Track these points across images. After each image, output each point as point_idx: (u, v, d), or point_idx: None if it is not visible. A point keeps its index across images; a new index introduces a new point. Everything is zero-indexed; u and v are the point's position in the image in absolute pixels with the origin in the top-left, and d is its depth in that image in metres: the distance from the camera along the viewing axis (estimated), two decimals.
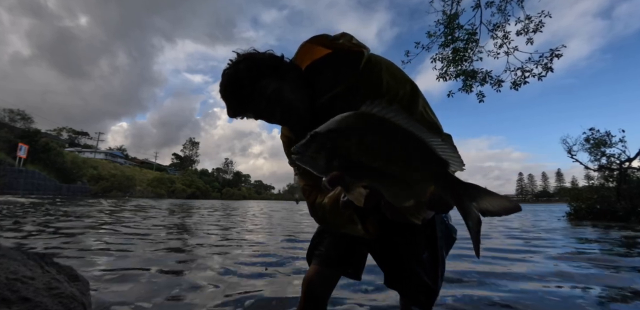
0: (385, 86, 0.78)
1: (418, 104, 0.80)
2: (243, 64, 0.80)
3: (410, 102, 0.79)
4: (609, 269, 2.75)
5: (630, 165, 10.52)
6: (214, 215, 10.10)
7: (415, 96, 0.80)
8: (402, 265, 0.90)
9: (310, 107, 0.85)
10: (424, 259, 0.88)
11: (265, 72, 0.80)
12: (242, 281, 2.18)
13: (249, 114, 0.85)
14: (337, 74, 0.81)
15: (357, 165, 0.49)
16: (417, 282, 0.88)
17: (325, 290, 0.96)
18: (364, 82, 0.78)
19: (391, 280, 0.94)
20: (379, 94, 0.78)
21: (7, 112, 35.45)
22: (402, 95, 0.79)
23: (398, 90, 0.79)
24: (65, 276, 1.27)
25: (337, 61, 0.83)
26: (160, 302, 1.71)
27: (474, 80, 5.85)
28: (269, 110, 0.82)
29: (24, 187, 26.89)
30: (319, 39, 0.83)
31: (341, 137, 0.50)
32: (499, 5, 5.58)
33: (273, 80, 0.80)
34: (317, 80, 0.85)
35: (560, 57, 5.09)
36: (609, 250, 3.84)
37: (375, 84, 0.78)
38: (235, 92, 0.80)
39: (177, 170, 76.02)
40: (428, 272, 0.88)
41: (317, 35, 0.83)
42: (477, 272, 2.54)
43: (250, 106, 0.82)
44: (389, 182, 0.50)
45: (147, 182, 51.35)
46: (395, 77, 0.80)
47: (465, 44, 5.78)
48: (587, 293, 2.03)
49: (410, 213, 0.64)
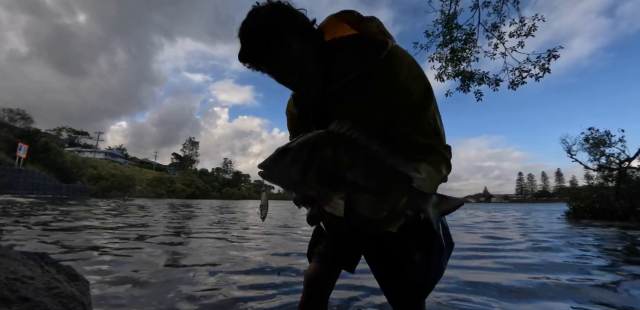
0: (402, 83, 0.75)
1: (430, 108, 0.77)
2: (278, 11, 0.72)
3: (422, 104, 0.76)
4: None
5: (629, 165, 10.53)
6: (214, 215, 10.10)
7: (429, 99, 0.77)
8: (392, 268, 0.88)
9: (322, 87, 0.81)
10: (416, 260, 0.84)
11: (296, 30, 0.74)
12: (243, 281, 2.19)
13: (265, 65, 0.77)
14: (356, 59, 0.77)
15: (334, 179, 0.52)
16: (406, 286, 0.86)
17: (326, 287, 0.97)
18: (381, 74, 0.75)
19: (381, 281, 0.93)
20: (392, 89, 0.75)
21: (7, 112, 35.47)
22: (416, 96, 0.76)
23: (412, 90, 0.76)
24: (65, 276, 1.28)
25: (359, 46, 0.78)
26: (161, 302, 1.72)
27: (472, 81, 5.87)
28: (291, 70, 0.76)
29: (24, 187, 26.88)
30: (348, 16, 0.79)
31: (316, 150, 0.52)
32: (496, 6, 5.60)
33: (299, 42, 0.75)
34: (334, 61, 0.80)
35: (558, 58, 5.10)
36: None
37: (390, 78, 0.75)
38: (265, 37, 0.71)
39: (177, 170, 76.00)
40: (419, 274, 0.85)
41: (347, 11, 0.79)
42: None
43: (276, 57, 0.74)
44: (364, 195, 0.54)
45: (147, 182, 51.34)
46: (414, 76, 0.76)
47: (464, 44, 5.79)
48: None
49: (384, 223, 0.64)
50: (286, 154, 0.52)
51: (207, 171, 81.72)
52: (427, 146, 0.76)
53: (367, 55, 0.76)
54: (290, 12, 0.74)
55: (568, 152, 11.81)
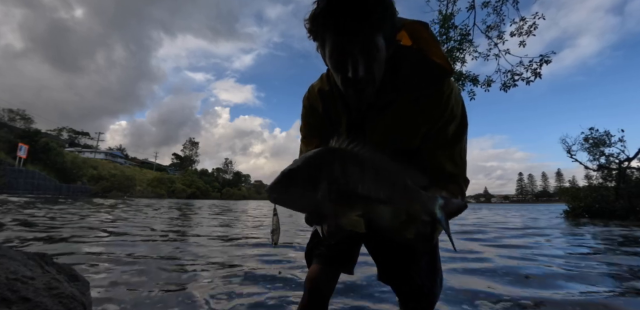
0: (449, 111, 0.76)
1: (464, 139, 0.79)
2: None
3: (460, 134, 0.79)
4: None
5: (629, 165, 10.55)
6: (215, 215, 10.11)
7: (464, 131, 0.80)
8: (399, 267, 0.92)
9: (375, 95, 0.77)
10: (423, 263, 0.89)
11: (387, 25, 0.65)
12: (243, 281, 2.19)
13: (356, 39, 0.63)
14: (419, 80, 0.75)
15: (348, 194, 0.51)
16: (414, 286, 0.90)
17: (329, 287, 0.98)
18: (434, 99, 0.76)
19: (386, 277, 0.97)
20: (440, 116, 0.76)
21: (6, 112, 35.50)
22: (457, 126, 0.78)
23: (456, 120, 0.78)
24: (65, 276, 1.29)
25: (426, 67, 0.75)
26: (162, 302, 1.73)
27: (465, 80, 5.92)
28: (372, 57, 0.66)
29: (23, 187, 26.89)
30: (421, 28, 0.76)
31: (323, 169, 0.52)
32: (495, 5, 5.62)
33: (382, 38, 0.67)
34: (396, 73, 0.77)
35: (549, 63, 5.13)
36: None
37: (441, 106, 0.76)
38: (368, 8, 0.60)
39: (177, 170, 75.99)
40: (425, 276, 0.90)
41: (422, 22, 0.76)
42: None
43: (369, 37, 0.63)
44: (378, 206, 0.54)
45: (147, 182, 51.34)
46: (458, 105, 0.78)
47: (459, 44, 5.82)
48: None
49: (400, 230, 0.65)
50: (294, 176, 0.51)
51: (207, 171, 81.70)
52: (451, 174, 0.78)
53: (432, 80, 0.75)
54: (393, 5, 0.66)
55: (568, 151, 11.84)
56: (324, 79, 0.88)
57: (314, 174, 0.51)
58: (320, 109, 0.88)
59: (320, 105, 0.88)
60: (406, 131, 0.79)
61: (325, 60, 0.73)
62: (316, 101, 0.89)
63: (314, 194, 0.50)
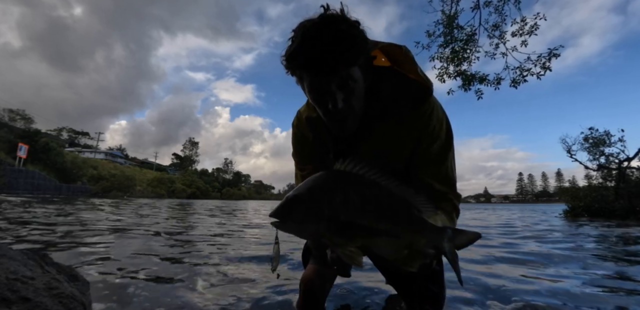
0: (432, 131, 0.77)
1: (448, 156, 0.80)
2: (356, 31, 0.65)
3: (444, 153, 0.80)
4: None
5: (629, 165, 10.56)
6: (214, 215, 10.11)
7: (448, 147, 0.81)
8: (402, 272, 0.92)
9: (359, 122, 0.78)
10: (435, 270, 0.90)
11: (362, 57, 0.67)
12: (244, 280, 2.19)
13: (331, 78, 0.65)
14: (395, 102, 0.76)
15: (347, 226, 0.50)
16: (424, 291, 0.90)
17: (323, 289, 0.98)
18: (416, 120, 0.77)
19: (391, 280, 0.99)
20: (423, 137, 0.78)
21: (7, 112, 35.51)
22: (441, 145, 0.79)
23: (440, 139, 0.79)
24: (65, 276, 1.29)
25: (405, 88, 0.76)
26: (162, 302, 1.72)
27: (474, 81, 5.89)
28: (350, 90, 0.68)
29: (23, 187, 26.90)
30: (395, 50, 0.76)
31: (325, 198, 0.50)
32: (497, 5, 5.62)
33: (358, 69, 0.68)
34: (377, 98, 0.77)
35: (558, 57, 5.13)
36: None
37: (424, 126, 0.77)
38: (351, 44, 0.62)
39: (177, 170, 76.02)
40: (436, 281, 0.90)
41: (395, 44, 0.75)
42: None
43: (350, 71, 0.65)
44: (380, 238, 0.52)
45: (147, 182, 51.34)
46: (440, 123, 0.79)
47: (464, 45, 5.82)
48: None
49: (403, 262, 0.63)
50: (297, 202, 0.50)
51: (207, 171, 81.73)
52: (440, 192, 0.79)
53: (414, 101, 0.76)
54: (364, 39, 0.67)
55: (568, 151, 11.85)
56: (310, 106, 0.88)
57: (316, 203, 0.50)
58: (310, 137, 0.90)
59: (310, 134, 0.90)
60: (392, 154, 0.80)
61: (305, 93, 0.75)
62: (305, 130, 0.91)
63: (314, 225, 0.49)
